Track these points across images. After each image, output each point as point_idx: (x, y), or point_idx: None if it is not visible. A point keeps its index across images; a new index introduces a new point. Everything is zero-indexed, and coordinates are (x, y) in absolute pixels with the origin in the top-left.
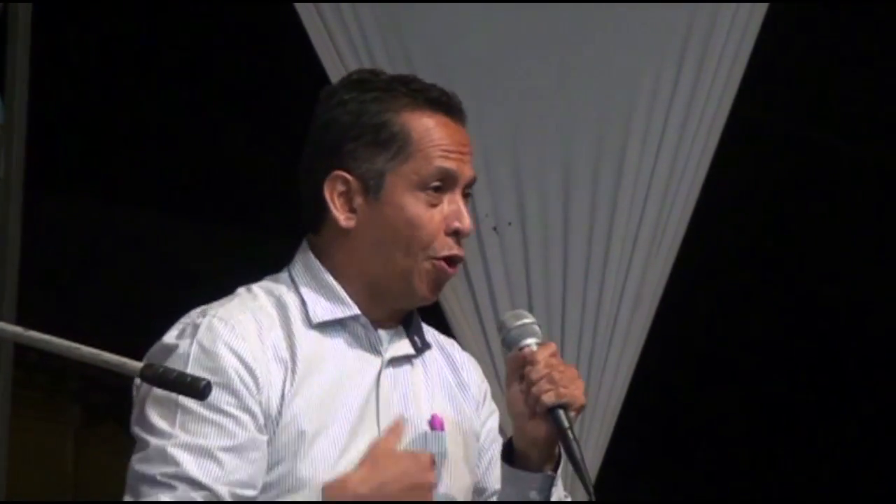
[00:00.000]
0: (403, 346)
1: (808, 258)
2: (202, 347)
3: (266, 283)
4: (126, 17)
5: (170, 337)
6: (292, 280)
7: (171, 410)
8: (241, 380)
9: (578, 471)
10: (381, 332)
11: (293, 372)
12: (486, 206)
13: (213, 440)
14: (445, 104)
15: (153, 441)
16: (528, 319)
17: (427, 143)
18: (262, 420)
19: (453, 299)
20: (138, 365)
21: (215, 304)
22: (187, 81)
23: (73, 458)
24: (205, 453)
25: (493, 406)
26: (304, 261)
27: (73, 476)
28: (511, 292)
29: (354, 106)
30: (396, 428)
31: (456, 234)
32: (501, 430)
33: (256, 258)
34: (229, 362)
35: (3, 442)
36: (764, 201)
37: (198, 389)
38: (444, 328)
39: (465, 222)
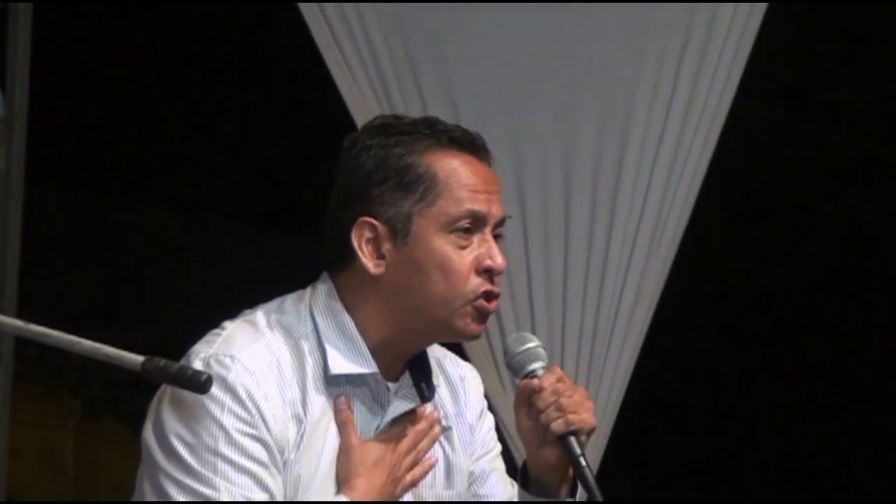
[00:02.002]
0: (405, 403)
1: (809, 256)
2: (236, 398)
3: (285, 319)
4: (127, 14)
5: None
6: (312, 320)
7: (206, 452)
8: (271, 436)
9: (591, 495)
10: (390, 385)
11: (301, 434)
12: None
13: (254, 494)
14: (470, 143)
15: (191, 482)
16: (532, 343)
17: (453, 183)
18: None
19: None
20: (139, 359)
21: (238, 340)
22: (190, 78)
23: (73, 451)
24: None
25: (488, 421)
26: (328, 301)
27: (73, 469)
28: (511, 288)
29: (378, 151)
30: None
31: (488, 273)
32: (499, 430)
33: (260, 256)
34: (260, 419)
35: (3, 436)
36: (763, 199)
37: (199, 383)
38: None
39: (498, 260)
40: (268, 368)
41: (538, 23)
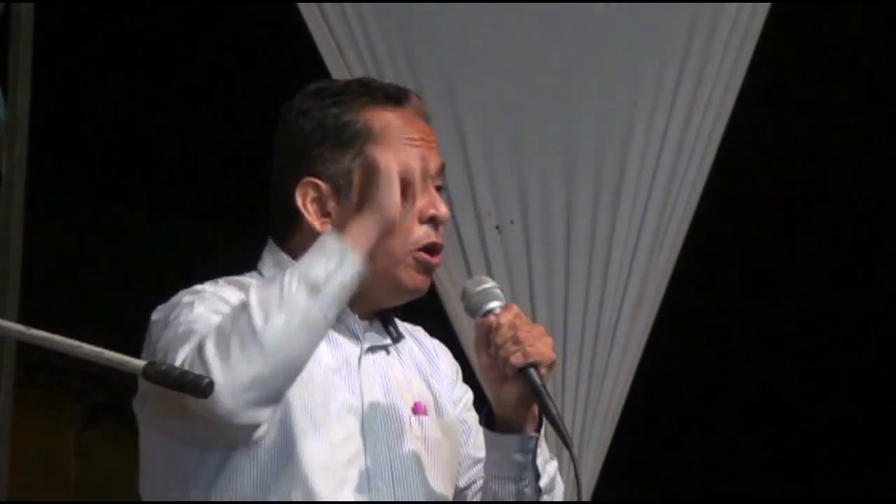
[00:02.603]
0: (381, 337)
1: (810, 263)
2: (199, 293)
3: (232, 278)
4: (128, 17)
5: (155, 312)
6: (262, 275)
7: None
8: None
9: (556, 427)
10: (360, 322)
11: None
12: (489, 205)
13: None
14: (404, 97)
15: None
16: (489, 284)
17: (389, 135)
18: None
19: (455, 297)
20: (140, 363)
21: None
22: (190, 81)
23: (75, 456)
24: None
25: (465, 386)
26: (275, 260)
27: (75, 474)
28: (513, 291)
29: (315, 113)
30: None
31: (432, 222)
32: (475, 406)
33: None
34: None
35: (5, 440)
36: (765, 205)
37: (200, 387)
38: (446, 326)
39: (441, 209)
40: (227, 284)
41: (540, 25)
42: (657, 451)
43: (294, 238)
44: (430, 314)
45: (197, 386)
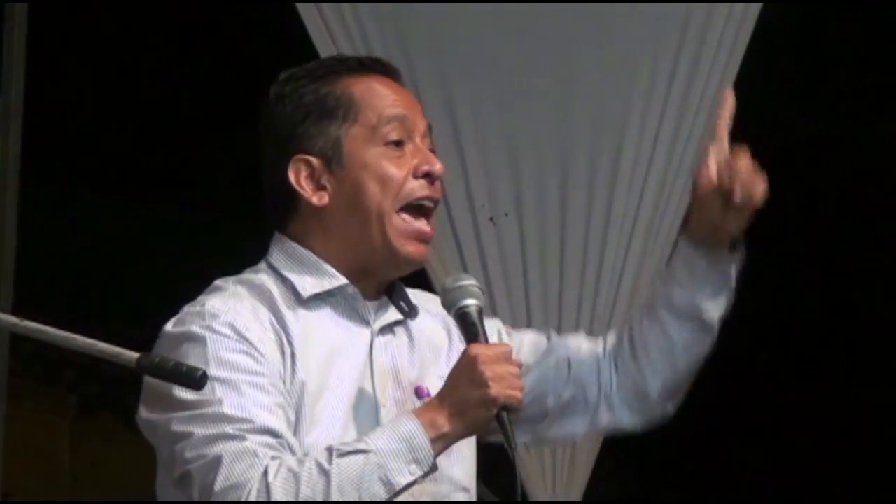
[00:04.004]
0: (391, 314)
1: (807, 252)
2: (213, 329)
3: (244, 276)
4: (123, 13)
5: (173, 327)
6: (272, 268)
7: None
8: (259, 353)
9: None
10: (369, 303)
11: (292, 352)
12: (483, 197)
13: (260, 396)
14: (380, 65)
15: (199, 410)
16: (466, 281)
17: (371, 98)
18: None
19: (441, 274)
20: (134, 355)
21: (202, 298)
22: (186, 78)
23: (68, 448)
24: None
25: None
26: (282, 248)
27: (69, 466)
28: (507, 283)
29: (293, 94)
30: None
31: (427, 177)
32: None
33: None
34: (243, 339)
35: None
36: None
37: (194, 379)
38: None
39: (435, 163)
40: (238, 303)
41: (535, 24)
42: (649, 447)
43: (295, 221)
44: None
45: (191, 378)
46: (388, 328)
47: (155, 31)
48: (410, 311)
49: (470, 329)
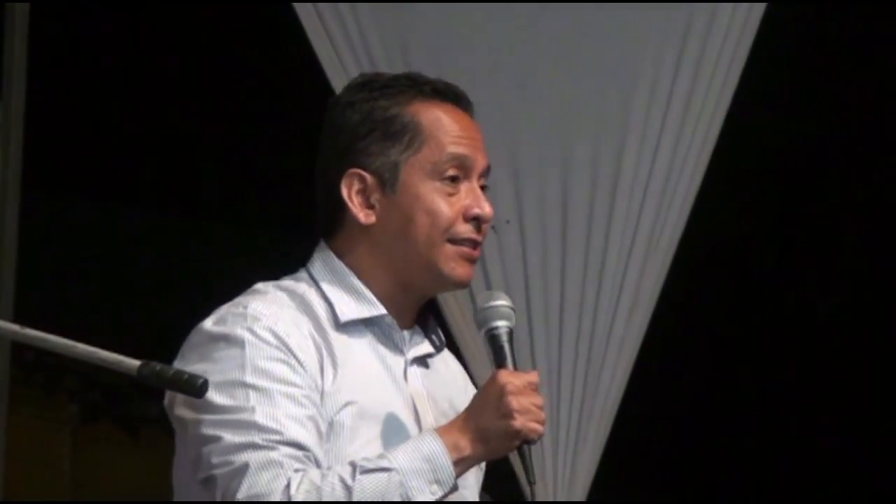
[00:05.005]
0: (423, 346)
1: (808, 259)
2: (255, 333)
3: (285, 283)
4: (124, 17)
5: (213, 325)
6: (313, 279)
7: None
8: (299, 362)
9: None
10: (404, 333)
11: (332, 365)
12: None
13: (293, 408)
14: (453, 93)
15: (231, 415)
16: (500, 301)
17: (438, 131)
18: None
19: (451, 298)
20: (135, 363)
21: (244, 300)
22: (185, 81)
23: (70, 456)
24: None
25: None
26: (325, 260)
27: (71, 474)
28: (509, 291)
29: (362, 105)
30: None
31: (475, 221)
32: None
33: (259, 258)
34: (284, 347)
35: (0, 440)
36: (762, 203)
37: (195, 387)
38: (441, 327)
39: (485, 208)
40: (280, 310)
41: (535, 25)
42: (654, 449)
43: (342, 233)
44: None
45: (192, 386)
46: (421, 359)
47: (154, 33)
48: (441, 345)
49: (499, 352)
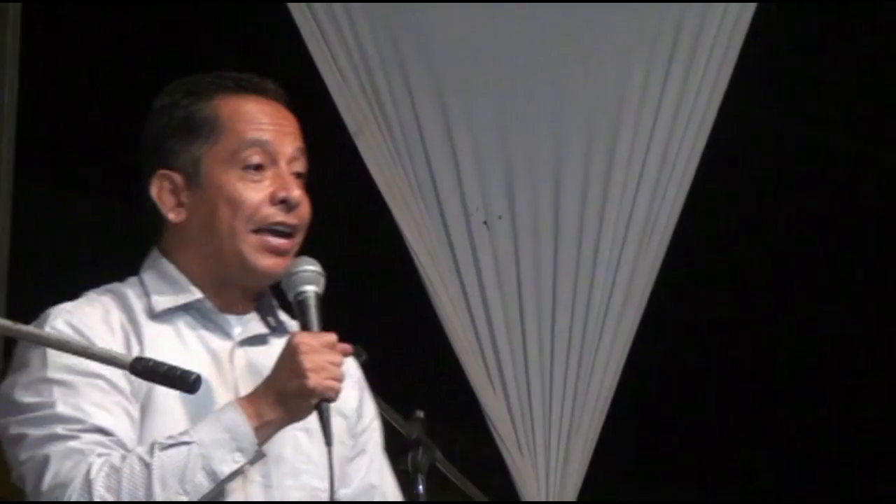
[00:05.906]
0: (253, 326)
1: (801, 256)
2: (56, 330)
3: (113, 285)
4: (117, 15)
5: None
6: (140, 279)
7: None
8: (105, 346)
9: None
10: (230, 317)
11: (141, 352)
12: (477, 201)
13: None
14: (256, 85)
15: (34, 412)
16: (307, 266)
17: (236, 120)
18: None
19: (443, 293)
20: (128, 358)
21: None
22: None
23: None
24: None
25: (372, 408)
26: (151, 261)
27: None
28: (501, 286)
29: (167, 108)
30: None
31: (284, 203)
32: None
33: None
34: (91, 334)
35: None
36: (756, 199)
37: (188, 382)
38: (434, 321)
39: (292, 190)
40: (89, 306)
41: (528, 23)
42: (646, 444)
43: (164, 233)
44: (420, 306)
45: (185, 382)
46: (254, 339)
47: (149, 31)
48: (278, 327)
49: (304, 315)
